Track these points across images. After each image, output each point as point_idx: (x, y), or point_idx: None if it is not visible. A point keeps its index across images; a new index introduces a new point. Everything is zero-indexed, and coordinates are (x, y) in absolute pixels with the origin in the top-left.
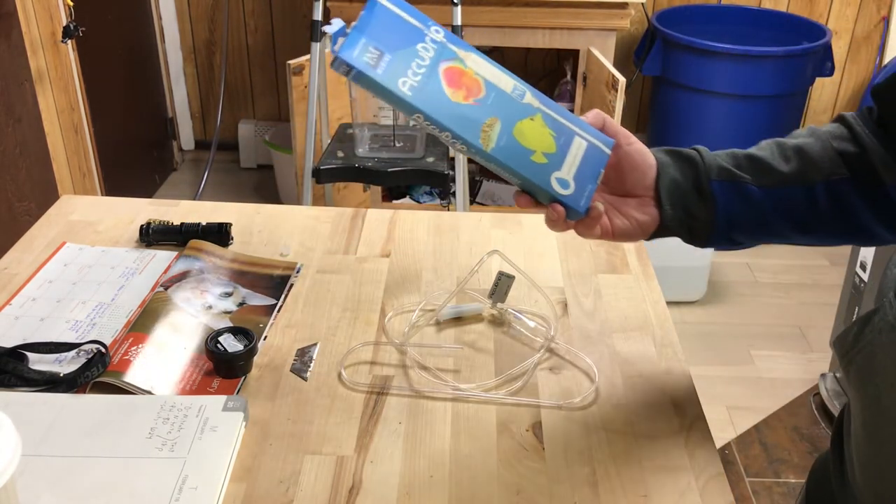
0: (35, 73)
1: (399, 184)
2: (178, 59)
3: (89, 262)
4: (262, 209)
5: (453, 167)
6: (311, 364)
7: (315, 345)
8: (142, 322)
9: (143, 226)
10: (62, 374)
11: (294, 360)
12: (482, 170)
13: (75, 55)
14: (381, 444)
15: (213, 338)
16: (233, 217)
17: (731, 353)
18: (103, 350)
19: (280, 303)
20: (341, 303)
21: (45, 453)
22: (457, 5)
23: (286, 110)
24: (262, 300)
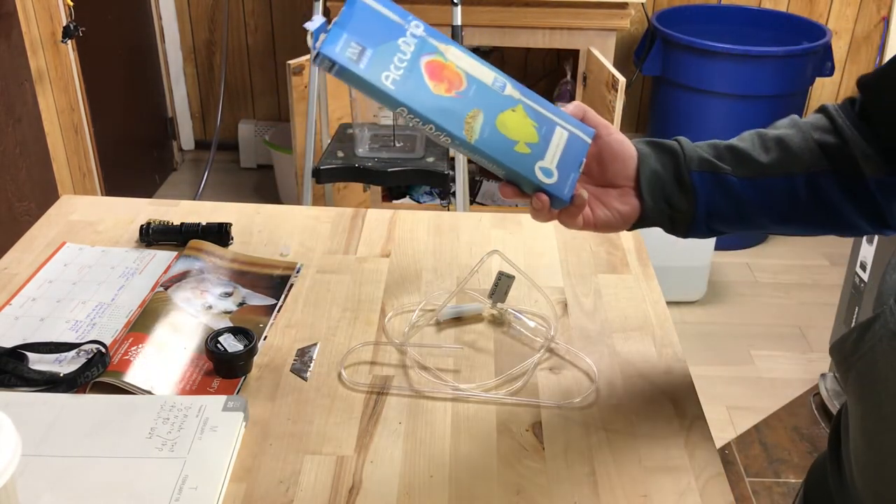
0: (35, 73)
1: (399, 184)
2: (178, 59)
3: (89, 262)
4: (262, 209)
5: (453, 167)
6: (311, 364)
7: (315, 345)
8: (142, 322)
9: (143, 226)
10: (62, 374)
11: (294, 360)
12: (482, 170)
13: (75, 55)
14: (381, 444)
15: (213, 338)
16: (233, 217)
17: (731, 353)
18: (103, 350)
19: (280, 303)
20: (341, 303)
21: (45, 453)
22: (457, 5)
23: (286, 110)
24: (262, 300)
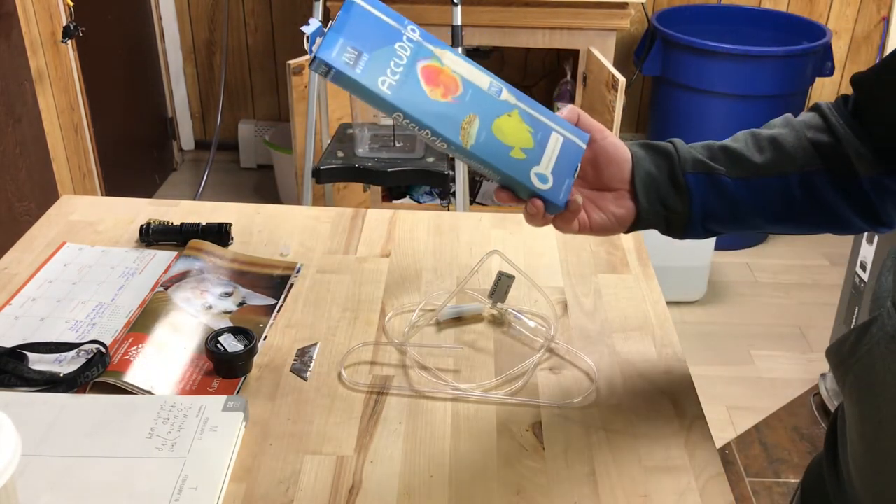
0: (35, 73)
1: (399, 184)
2: (178, 59)
3: (89, 262)
4: (262, 209)
5: (453, 167)
6: (311, 364)
7: (315, 345)
8: (142, 322)
9: (143, 226)
10: (62, 374)
11: (294, 360)
12: None
13: (75, 55)
14: (381, 444)
15: (213, 338)
16: (233, 217)
17: (731, 353)
18: (103, 350)
19: (280, 303)
20: (341, 303)
21: (45, 453)
22: (457, 5)
23: (286, 110)
24: (262, 300)
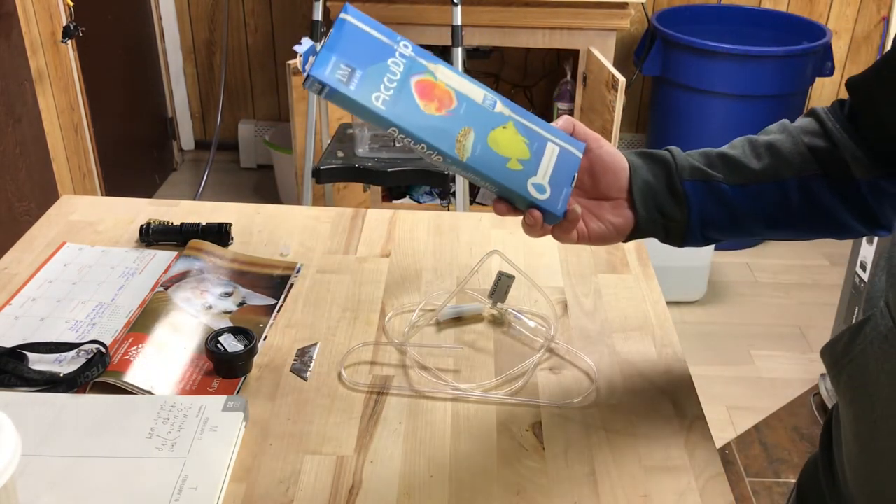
0: (35, 73)
1: (399, 184)
2: (178, 59)
3: (89, 262)
4: (262, 209)
5: None
6: (311, 364)
7: (315, 345)
8: (142, 322)
9: (143, 226)
10: (62, 374)
11: (294, 360)
12: None
13: (75, 55)
14: (381, 444)
15: (213, 338)
16: (233, 217)
17: (731, 353)
18: (103, 350)
19: (280, 303)
20: (341, 303)
21: (45, 453)
22: (457, 5)
23: (286, 110)
24: (262, 300)
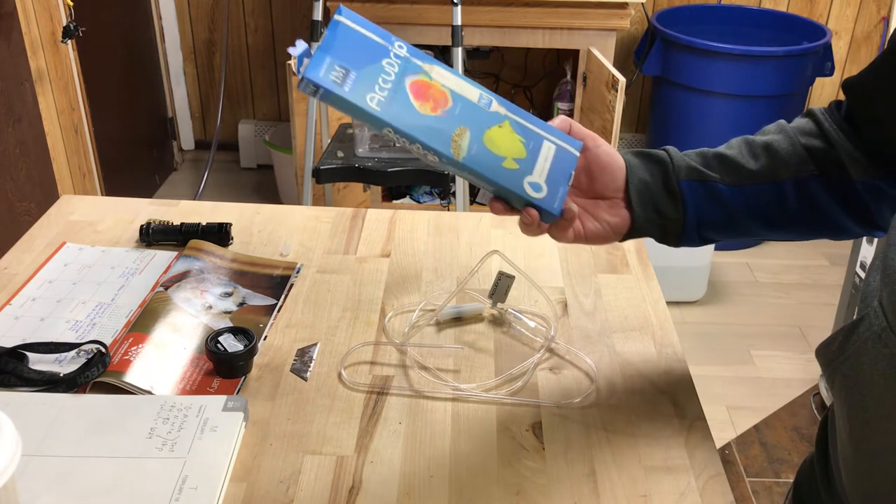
0: (35, 73)
1: (399, 184)
2: (178, 59)
3: (89, 262)
4: (262, 209)
5: None
6: (311, 364)
7: (315, 345)
8: (142, 322)
9: (143, 226)
10: (62, 374)
11: (294, 360)
12: None
13: (75, 55)
14: (381, 444)
15: (213, 338)
16: (233, 217)
17: (731, 353)
18: (103, 350)
19: (280, 303)
20: (341, 303)
21: (45, 453)
22: (457, 5)
23: (286, 110)
24: (262, 300)
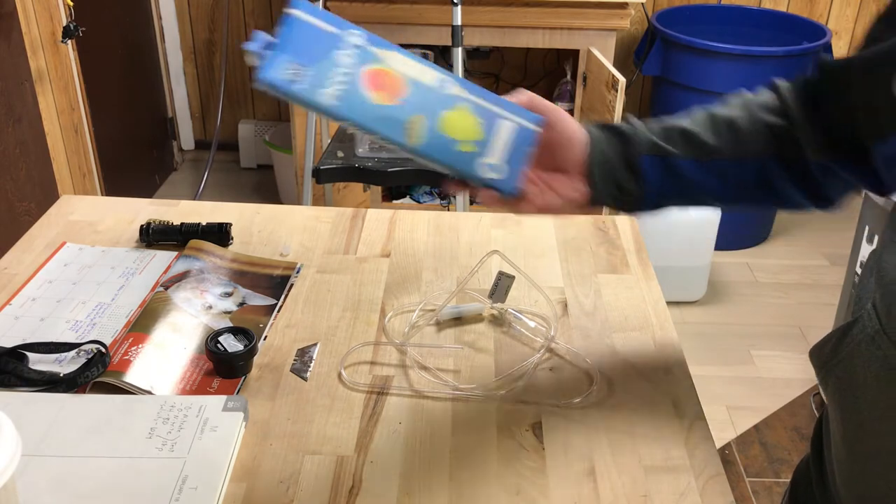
0: (35, 73)
1: (399, 184)
2: (178, 59)
3: (89, 262)
4: (262, 209)
5: None
6: (311, 364)
7: (315, 345)
8: (142, 322)
9: (143, 226)
10: (62, 374)
11: (294, 360)
12: None
13: (75, 55)
14: (381, 444)
15: (213, 338)
16: (233, 217)
17: (731, 353)
18: (103, 350)
19: (280, 303)
20: (341, 303)
21: (45, 453)
22: (457, 5)
23: (286, 110)
24: (262, 300)
